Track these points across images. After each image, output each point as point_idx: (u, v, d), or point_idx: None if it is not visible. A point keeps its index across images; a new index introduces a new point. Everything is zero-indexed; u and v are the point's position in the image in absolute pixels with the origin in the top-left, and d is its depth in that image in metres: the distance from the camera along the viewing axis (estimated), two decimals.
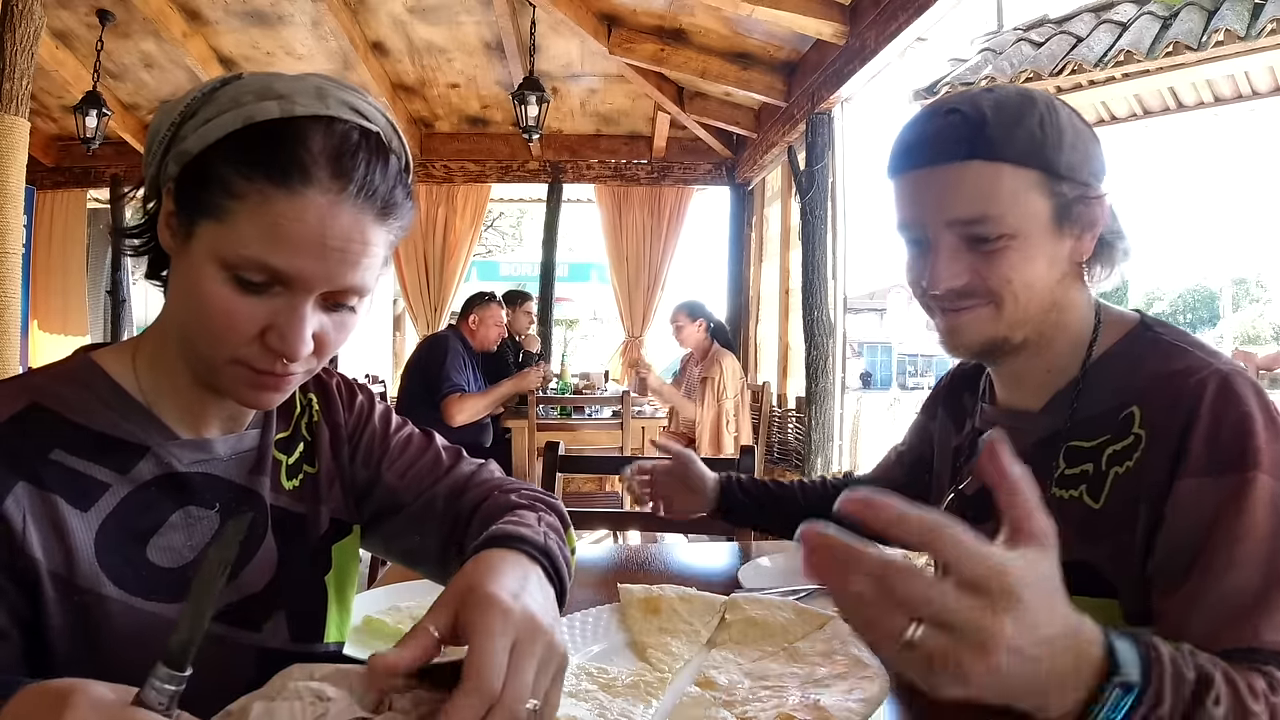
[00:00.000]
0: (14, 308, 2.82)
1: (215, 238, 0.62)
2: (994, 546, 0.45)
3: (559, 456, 1.76)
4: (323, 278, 0.63)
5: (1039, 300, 0.80)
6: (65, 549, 0.63)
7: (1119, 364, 0.80)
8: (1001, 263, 0.78)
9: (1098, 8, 3.54)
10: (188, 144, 0.64)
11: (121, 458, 0.67)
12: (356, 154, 0.63)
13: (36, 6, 2.82)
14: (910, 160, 0.81)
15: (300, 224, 0.61)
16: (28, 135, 2.81)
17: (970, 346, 0.83)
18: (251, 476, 0.76)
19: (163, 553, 0.69)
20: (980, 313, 0.80)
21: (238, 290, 0.62)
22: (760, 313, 5.55)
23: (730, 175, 5.71)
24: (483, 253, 15.54)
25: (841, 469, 3.96)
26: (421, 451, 0.87)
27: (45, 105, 5.03)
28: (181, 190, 0.64)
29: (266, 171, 0.61)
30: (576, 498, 4.19)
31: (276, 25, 4.21)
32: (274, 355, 0.64)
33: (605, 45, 4.07)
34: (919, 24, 2.78)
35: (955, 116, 0.77)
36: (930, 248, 0.80)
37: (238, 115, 0.62)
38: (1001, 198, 0.76)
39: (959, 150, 0.76)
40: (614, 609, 0.97)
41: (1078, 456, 0.80)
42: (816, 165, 3.73)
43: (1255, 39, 2.79)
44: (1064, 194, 0.77)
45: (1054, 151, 0.76)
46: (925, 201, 0.79)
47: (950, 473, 0.99)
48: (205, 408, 0.72)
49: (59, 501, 0.63)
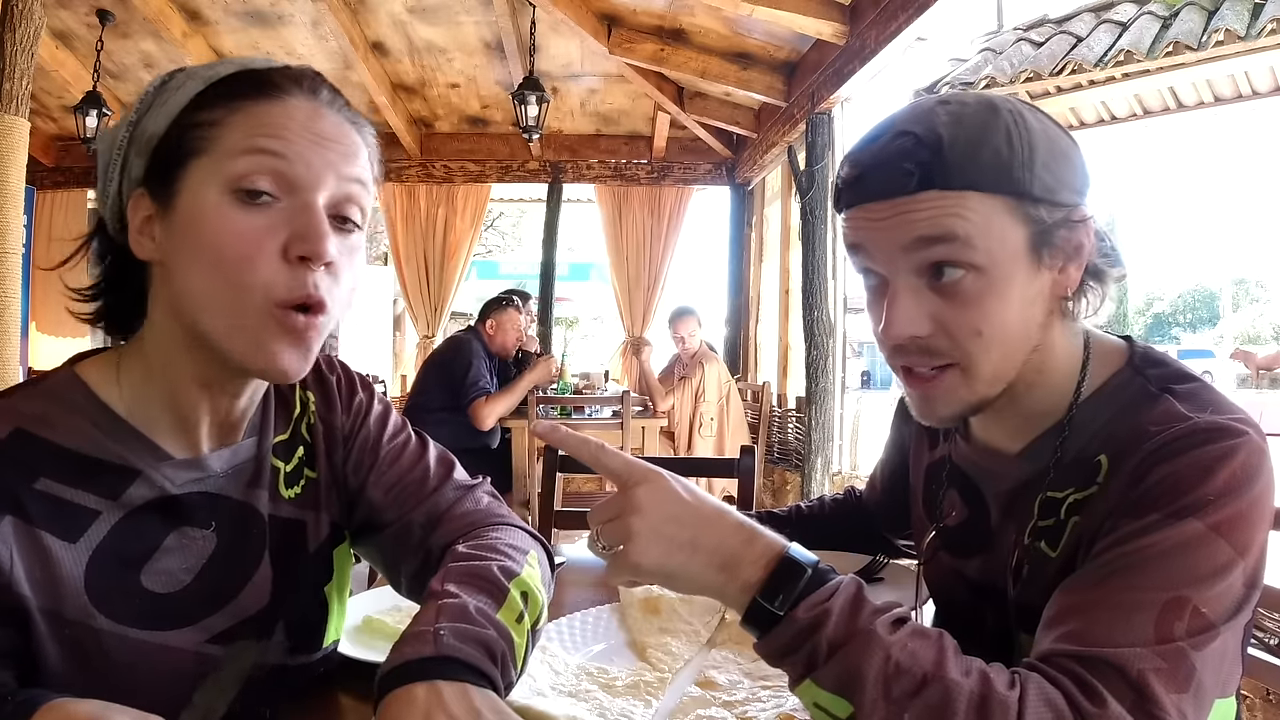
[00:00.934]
0: (14, 308, 2.82)
1: (205, 168, 0.61)
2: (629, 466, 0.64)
3: (559, 456, 1.76)
4: (326, 167, 0.63)
5: (1016, 350, 0.70)
6: (53, 584, 0.61)
7: (1102, 412, 0.72)
8: (969, 310, 0.67)
9: (1098, 8, 3.54)
10: (150, 127, 0.64)
11: (111, 482, 0.64)
12: (317, 78, 0.67)
13: (36, 6, 2.82)
14: (857, 193, 0.70)
15: (287, 119, 0.62)
16: (28, 135, 2.81)
17: (946, 419, 0.74)
18: (249, 490, 0.73)
19: (157, 578, 0.66)
20: (949, 380, 0.70)
21: (244, 208, 0.61)
22: (760, 313, 5.55)
23: (730, 175, 5.71)
24: (483, 253, 15.54)
25: (841, 470, 3.96)
26: (411, 466, 0.83)
27: (45, 105, 5.03)
28: (153, 172, 0.63)
29: (244, 94, 0.63)
30: (576, 498, 4.19)
31: (276, 25, 4.21)
32: (303, 270, 0.61)
33: (605, 45, 4.07)
34: (919, 24, 2.78)
35: (907, 140, 0.67)
36: (887, 288, 0.70)
37: (197, 81, 0.64)
38: (968, 223, 0.65)
39: (910, 180, 0.66)
40: (614, 609, 0.97)
41: (1049, 508, 0.73)
42: (816, 165, 3.74)
43: (1255, 39, 2.79)
44: (1041, 219, 0.67)
45: (1024, 171, 0.65)
46: (876, 235, 0.69)
47: (925, 492, 0.94)
48: (198, 418, 0.69)
49: (46, 536, 0.61)
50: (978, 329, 0.67)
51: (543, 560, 0.80)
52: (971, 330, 0.67)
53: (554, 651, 0.82)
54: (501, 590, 0.67)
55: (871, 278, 0.72)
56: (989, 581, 0.81)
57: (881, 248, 0.69)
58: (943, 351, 0.69)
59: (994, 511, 0.82)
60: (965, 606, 0.86)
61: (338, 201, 0.64)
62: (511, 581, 0.69)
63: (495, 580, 0.68)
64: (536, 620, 0.71)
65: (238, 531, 0.72)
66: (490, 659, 0.60)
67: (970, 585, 0.85)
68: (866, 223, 0.70)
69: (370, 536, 0.83)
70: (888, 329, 0.69)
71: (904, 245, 0.67)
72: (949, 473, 0.88)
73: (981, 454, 0.83)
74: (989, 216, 0.65)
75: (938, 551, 0.89)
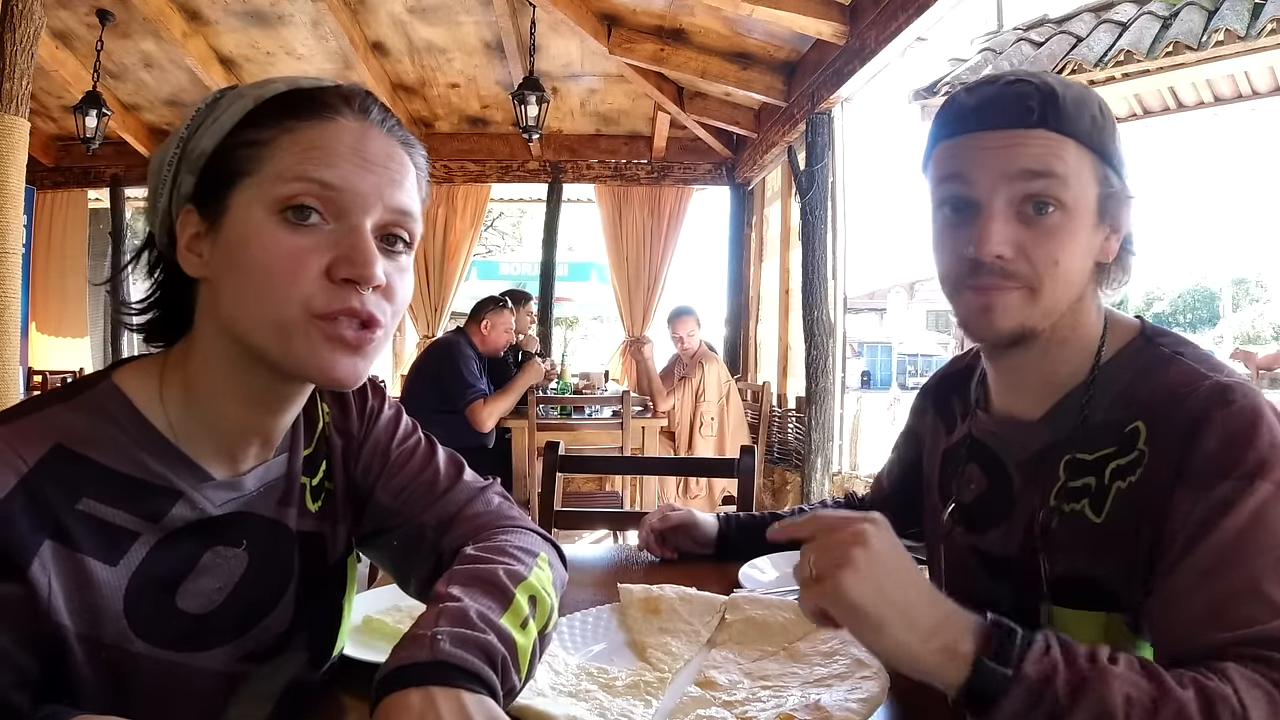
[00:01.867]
0: (14, 308, 2.82)
1: (254, 188, 0.61)
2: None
3: (559, 456, 1.76)
4: (373, 190, 0.62)
5: (1073, 290, 0.78)
6: (93, 609, 0.60)
7: (1122, 374, 0.79)
8: (1051, 241, 0.75)
9: (1098, 8, 3.54)
10: (201, 145, 0.64)
11: (153, 504, 0.64)
12: (368, 97, 0.67)
13: (36, 6, 2.82)
14: (974, 122, 0.77)
15: (337, 141, 0.62)
16: (28, 135, 2.81)
17: (1001, 331, 0.78)
18: (280, 507, 0.73)
19: (192, 599, 0.66)
20: (1015, 296, 0.77)
21: (291, 228, 0.60)
22: (760, 313, 5.55)
23: (730, 175, 5.71)
24: (483, 253, 15.54)
25: (841, 470, 3.96)
26: (420, 469, 0.83)
27: (45, 105, 5.03)
28: (203, 190, 0.64)
29: (294, 113, 0.63)
30: (576, 498, 4.19)
31: (276, 25, 4.21)
32: (348, 289, 0.61)
33: (605, 45, 4.07)
34: (919, 24, 2.78)
35: (1024, 85, 0.76)
36: (981, 211, 0.76)
37: (248, 100, 0.64)
38: (1068, 165, 0.74)
39: (1030, 116, 0.74)
40: (614, 609, 0.97)
41: (1079, 469, 0.78)
42: (816, 165, 3.73)
43: (1255, 39, 2.79)
44: (1110, 185, 0.77)
45: (1110, 140, 0.76)
46: (985, 159, 0.76)
47: (940, 477, 0.97)
48: (244, 437, 0.69)
49: (87, 559, 0.60)
50: (1055, 258, 0.75)
51: (555, 562, 0.80)
52: (1050, 259, 0.75)
53: (554, 651, 0.82)
54: (507, 594, 0.67)
55: (963, 196, 0.78)
56: (1008, 555, 0.83)
57: (987, 173, 0.76)
58: (1019, 274, 0.76)
59: (1016, 478, 0.85)
60: (979, 589, 0.86)
61: (385, 225, 0.64)
62: (518, 585, 0.69)
63: (501, 584, 0.68)
64: (545, 624, 0.71)
65: (268, 549, 0.72)
66: (489, 664, 0.59)
67: (987, 563, 0.86)
68: (976, 149, 0.77)
69: (380, 540, 0.83)
70: (982, 245, 0.75)
71: (1011, 174, 0.75)
72: (969, 447, 0.92)
73: (1002, 424, 0.88)
74: (1080, 166, 0.75)
75: (954, 529, 0.91)
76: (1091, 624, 0.76)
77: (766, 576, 1.15)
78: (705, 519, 1.29)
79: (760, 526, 1.28)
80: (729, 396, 4.23)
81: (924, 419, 1.05)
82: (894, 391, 17.73)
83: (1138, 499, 0.72)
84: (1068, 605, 0.78)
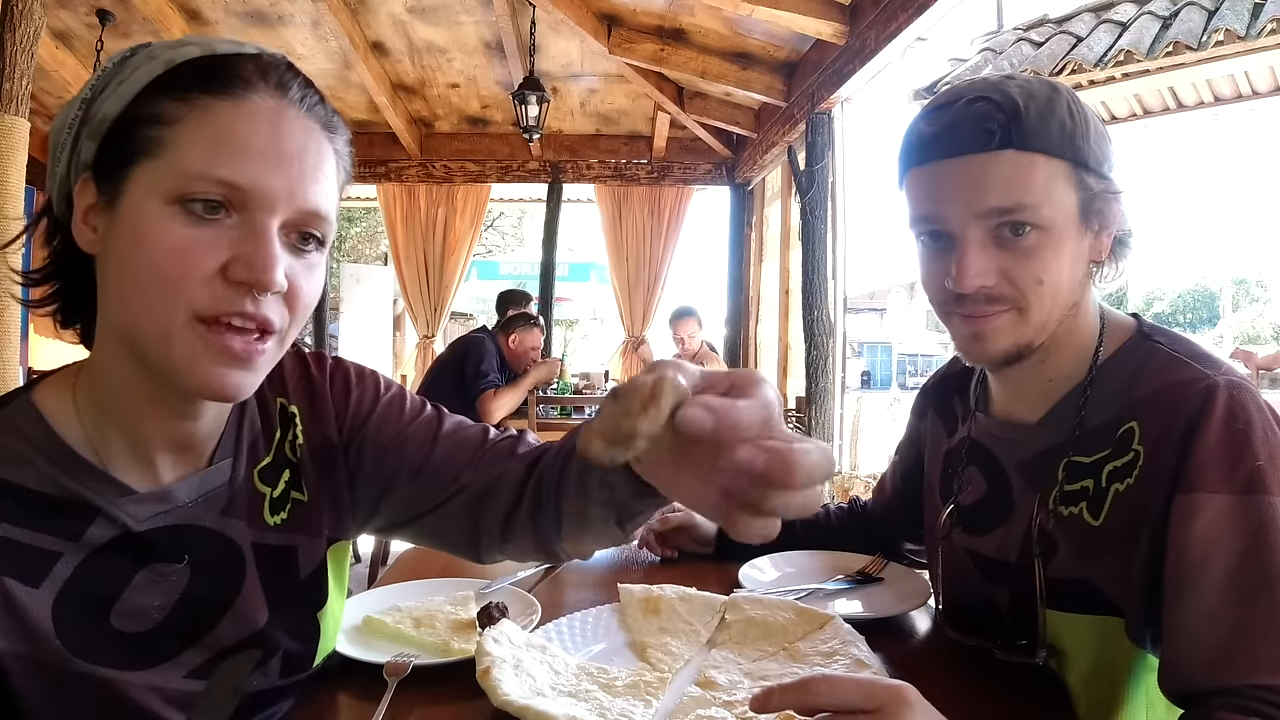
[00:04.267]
0: (14, 309, 2.82)
1: (154, 174, 0.56)
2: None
3: None
4: (284, 191, 0.57)
5: (1063, 302, 0.76)
6: (24, 630, 0.58)
7: (1117, 375, 0.77)
8: (1033, 261, 0.73)
9: (1098, 8, 3.54)
10: (105, 109, 0.58)
11: (70, 522, 0.60)
12: (288, 71, 0.61)
13: (36, 6, 2.82)
14: (935, 150, 0.75)
15: (250, 128, 0.56)
16: (28, 135, 2.81)
17: (994, 356, 0.78)
18: (223, 519, 0.68)
19: (128, 618, 0.62)
20: (1004, 319, 0.75)
21: (188, 222, 0.55)
22: (760, 313, 5.55)
23: (730, 175, 5.71)
24: (483, 253, 15.54)
25: (841, 470, 3.96)
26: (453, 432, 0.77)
27: (45, 105, 5.02)
28: (102, 161, 0.58)
29: (205, 87, 0.57)
30: None
31: (276, 25, 4.21)
32: (241, 291, 0.56)
33: (605, 45, 4.07)
34: (919, 24, 2.78)
35: (984, 104, 0.73)
36: (956, 243, 0.75)
37: (157, 63, 0.58)
38: (1035, 188, 0.72)
39: (991, 139, 0.71)
40: (614, 609, 0.96)
41: (1077, 472, 0.77)
42: (816, 165, 3.73)
43: (1255, 39, 2.79)
44: (1090, 187, 0.74)
45: (1083, 141, 0.73)
46: (953, 193, 0.74)
47: (941, 479, 0.97)
48: (154, 443, 0.64)
49: (8, 582, 0.57)
50: (1039, 278, 0.74)
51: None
52: (1033, 279, 0.74)
53: (554, 651, 0.82)
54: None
55: (937, 231, 0.77)
56: (1005, 559, 0.82)
57: (957, 208, 0.74)
58: (1005, 298, 0.75)
59: (1015, 481, 0.84)
60: (977, 593, 0.86)
61: (296, 223, 0.59)
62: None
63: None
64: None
65: (212, 563, 0.67)
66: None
67: (985, 566, 0.86)
68: (943, 180, 0.75)
69: (426, 519, 0.76)
70: (960, 280, 0.74)
71: (979, 211, 0.73)
72: (969, 450, 0.91)
73: (1002, 427, 0.87)
74: (1052, 180, 0.73)
75: (952, 531, 0.90)
76: (1087, 629, 0.76)
77: (766, 576, 1.15)
78: (704, 518, 1.28)
79: None
80: None
81: (925, 420, 1.05)
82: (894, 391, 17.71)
83: (1135, 501, 0.71)
84: (1064, 610, 0.77)
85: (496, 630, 0.80)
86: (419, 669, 0.81)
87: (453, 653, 0.86)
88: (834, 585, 1.08)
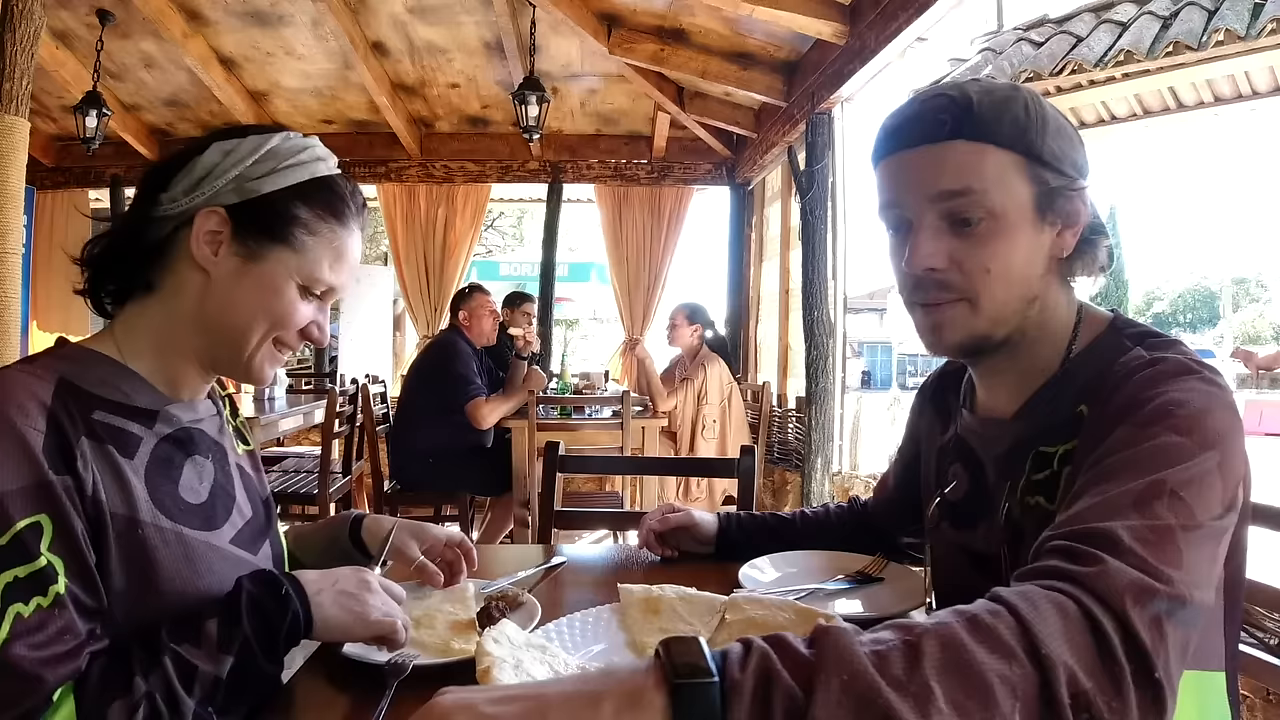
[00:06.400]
0: (14, 308, 2.82)
1: (293, 262, 0.85)
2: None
3: (559, 456, 1.76)
4: (348, 288, 0.92)
5: (1018, 293, 0.78)
6: (125, 491, 0.77)
7: (1089, 367, 0.79)
8: (983, 250, 0.76)
9: (1098, 8, 3.54)
10: (257, 183, 0.84)
11: (144, 418, 0.83)
12: (358, 195, 0.91)
13: (36, 6, 2.82)
14: (894, 143, 0.80)
15: (351, 252, 0.90)
16: (28, 135, 2.81)
17: (951, 346, 0.81)
18: (221, 435, 0.95)
19: (188, 491, 0.85)
20: (958, 310, 0.78)
21: (303, 296, 0.87)
22: (760, 313, 5.55)
23: (730, 175, 5.71)
24: (483, 253, 15.54)
25: (841, 470, 3.96)
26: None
27: (45, 105, 5.02)
28: (242, 217, 0.83)
29: (335, 216, 0.88)
30: (576, 498, 4.20)
31: (276, 25, 4.21)
32: (302, 340, 0.88)
33: (605, 45, 4.07)
34: (919, 24, 2.78)
35: (940, 99, 0.77)
36: (912, 229, 0.78)
37: (301, 170, 0.86)
38: (986, 175, 0.75)
39: (943, 130, 0.76)
40: (614, 609, 0.97)
41: (1042, 462, 0.79)
42: (816, 165, 3.73)
43: (1255, 39, 2.79)
44: (1046, 181, 0.76)
45: (1037, 137, 0.76)
46: (909, 180, 0.78)
47: (935, 474, 0.98)
48: (189, 383, 0.89)
49: (113, 451, 0.77)
50: (986, 266, 0.76)
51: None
52: (981, 267, 0.76)
53: (554, 651, 0.82)
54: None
55: (896, 217, 0.81)
56: (993, 553, 0.83)
57: (912, 193, 0.78)
58: (955, 286, 0.77)
59: (992, 475, 0.86)
60: (968, 587, 0.87)
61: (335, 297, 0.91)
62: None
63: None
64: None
65: (220, 464, 0.92)
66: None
67: (974, 560, 0.87)
68: (900, 169, 0.79)
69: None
70: (911, 260, 0.77)
71: (932, 195, 0.76)
72: (955, 446, 0.93)
73: (983, 422, 0.89)
74: (1004, 171, 0.75)
75: (940, 523, 0.91)
76: None
77: (766, 576, 1.15)
78: (705, 518, 1.29)
79: (761, 526, 1.29)
80: (730, 398, 4.22)
81: (922, 418, 1.06)
82: (894, 391, 17.73)
83: (1073, 476, 0.71)
84: None
85: (496, 630, 0.80)
86: (419, 669, 0.81)
87: (453, 653, 0.86)
88: (834, 585, 1.08)
